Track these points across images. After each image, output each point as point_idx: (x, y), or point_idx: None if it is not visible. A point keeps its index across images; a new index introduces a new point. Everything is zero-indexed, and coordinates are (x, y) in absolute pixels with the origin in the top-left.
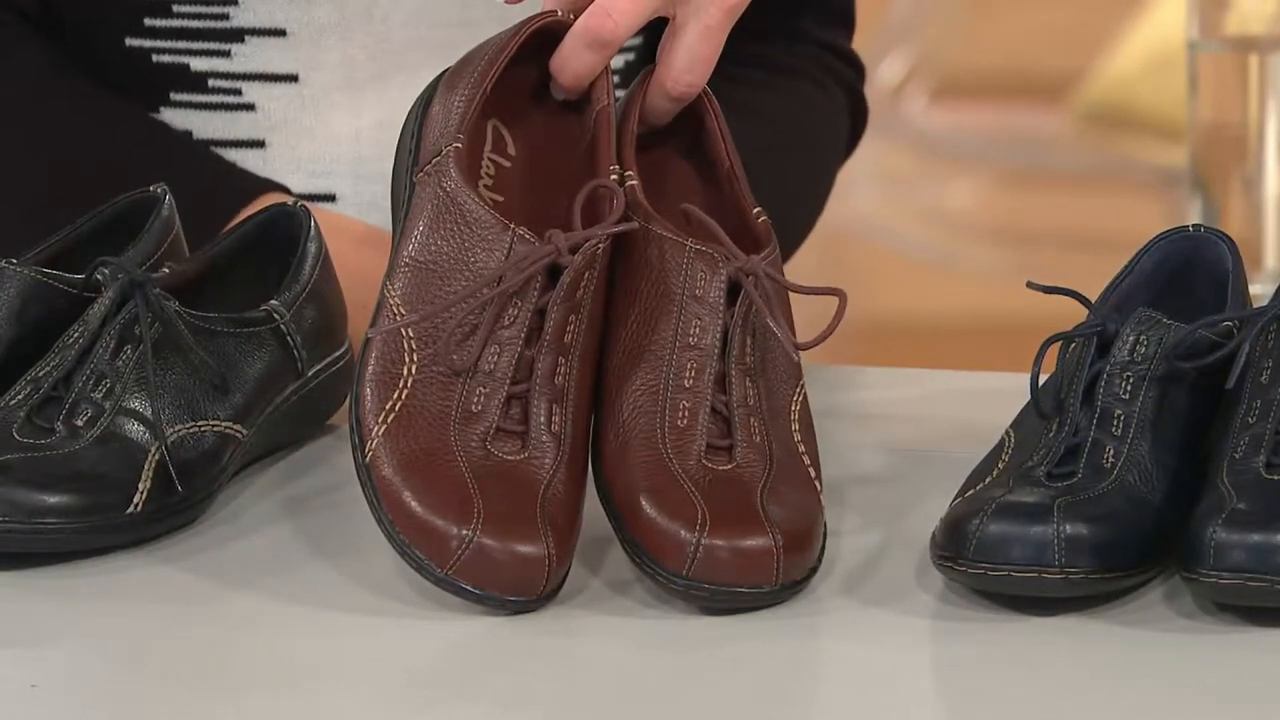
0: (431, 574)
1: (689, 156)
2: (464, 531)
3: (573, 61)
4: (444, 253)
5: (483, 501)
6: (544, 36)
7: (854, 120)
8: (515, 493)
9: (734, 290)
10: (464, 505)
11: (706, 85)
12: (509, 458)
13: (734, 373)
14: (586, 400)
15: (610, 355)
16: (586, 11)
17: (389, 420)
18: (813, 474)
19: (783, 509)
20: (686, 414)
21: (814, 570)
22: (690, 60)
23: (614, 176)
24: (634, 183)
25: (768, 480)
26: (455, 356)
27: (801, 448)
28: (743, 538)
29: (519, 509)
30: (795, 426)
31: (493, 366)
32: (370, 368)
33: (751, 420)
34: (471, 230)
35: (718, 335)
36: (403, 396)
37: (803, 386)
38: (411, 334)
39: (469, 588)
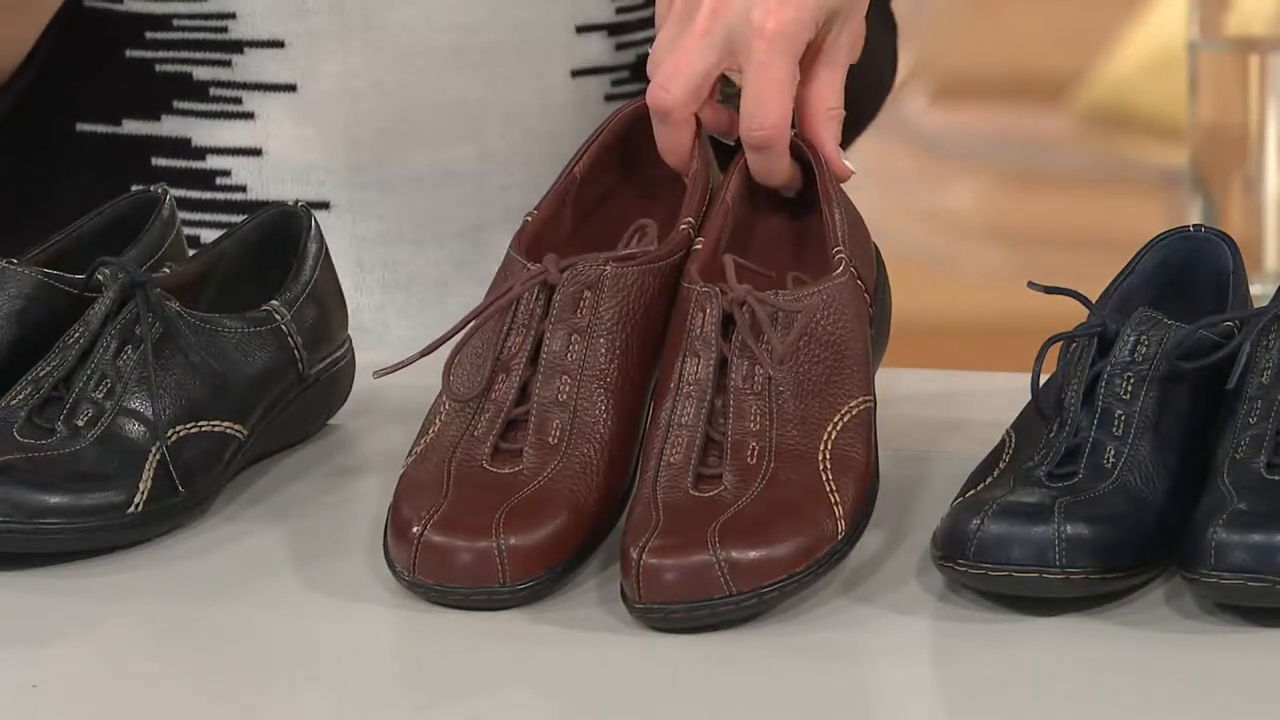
0: (403, 579)
1: (807, 208)
2: (415, 530)
3: (657, 138)
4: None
5: (446, 505)
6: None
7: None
8: (483, 497)
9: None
10: (428, 511)
11: (807, 139)
12: (498, 471)
13: (734, 400)
14: (607, 422)
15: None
16: (649, 89)
17: (415, 454)
18: (833, 498)
19: (748, 528)
20: (681, 449)
21: (797, 580)
22: (752, 104)
23: (683, 228)
24: (686, 227)
25: (747, 501)
26: (457, 386)
27: (828, 473)
28: (681, 556)
29: (477, 509)
30: (826, 452)
31: (498, 392)
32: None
33: (750, 443)
34: (506, 277)
35: (711, 368)
36: (431, 433)
37: (854, 410)
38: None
39: (430, 584)
